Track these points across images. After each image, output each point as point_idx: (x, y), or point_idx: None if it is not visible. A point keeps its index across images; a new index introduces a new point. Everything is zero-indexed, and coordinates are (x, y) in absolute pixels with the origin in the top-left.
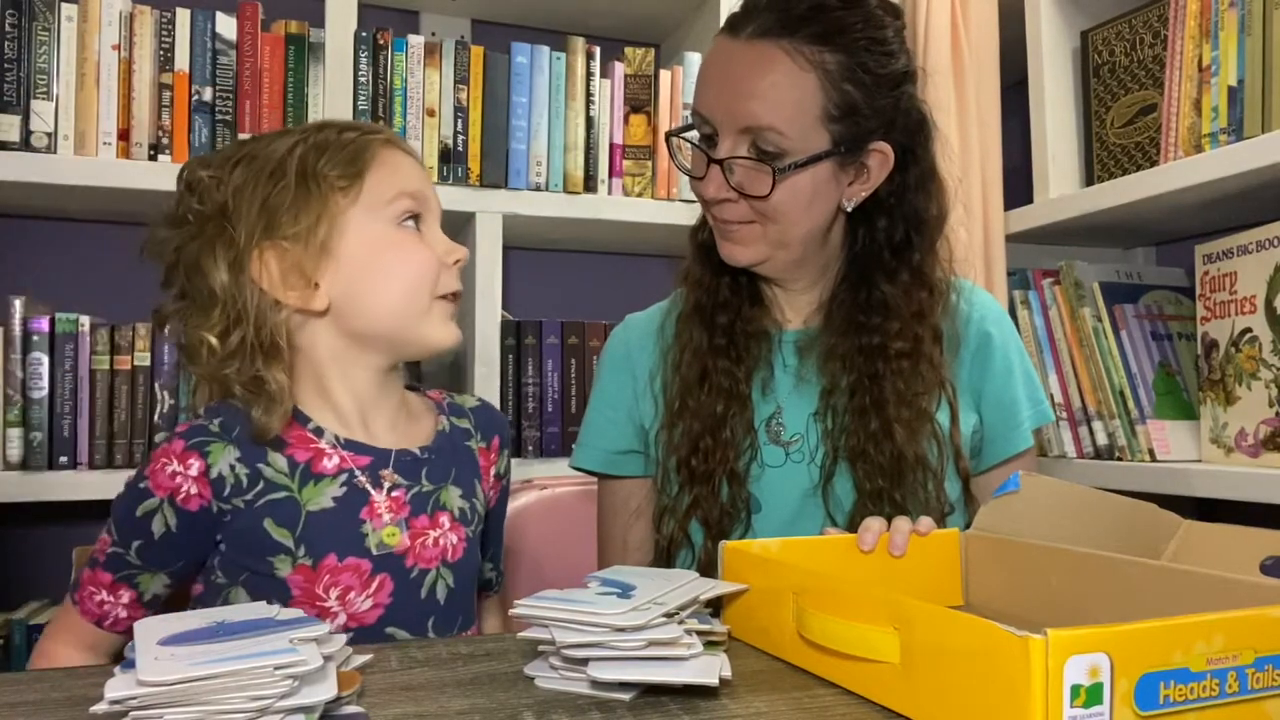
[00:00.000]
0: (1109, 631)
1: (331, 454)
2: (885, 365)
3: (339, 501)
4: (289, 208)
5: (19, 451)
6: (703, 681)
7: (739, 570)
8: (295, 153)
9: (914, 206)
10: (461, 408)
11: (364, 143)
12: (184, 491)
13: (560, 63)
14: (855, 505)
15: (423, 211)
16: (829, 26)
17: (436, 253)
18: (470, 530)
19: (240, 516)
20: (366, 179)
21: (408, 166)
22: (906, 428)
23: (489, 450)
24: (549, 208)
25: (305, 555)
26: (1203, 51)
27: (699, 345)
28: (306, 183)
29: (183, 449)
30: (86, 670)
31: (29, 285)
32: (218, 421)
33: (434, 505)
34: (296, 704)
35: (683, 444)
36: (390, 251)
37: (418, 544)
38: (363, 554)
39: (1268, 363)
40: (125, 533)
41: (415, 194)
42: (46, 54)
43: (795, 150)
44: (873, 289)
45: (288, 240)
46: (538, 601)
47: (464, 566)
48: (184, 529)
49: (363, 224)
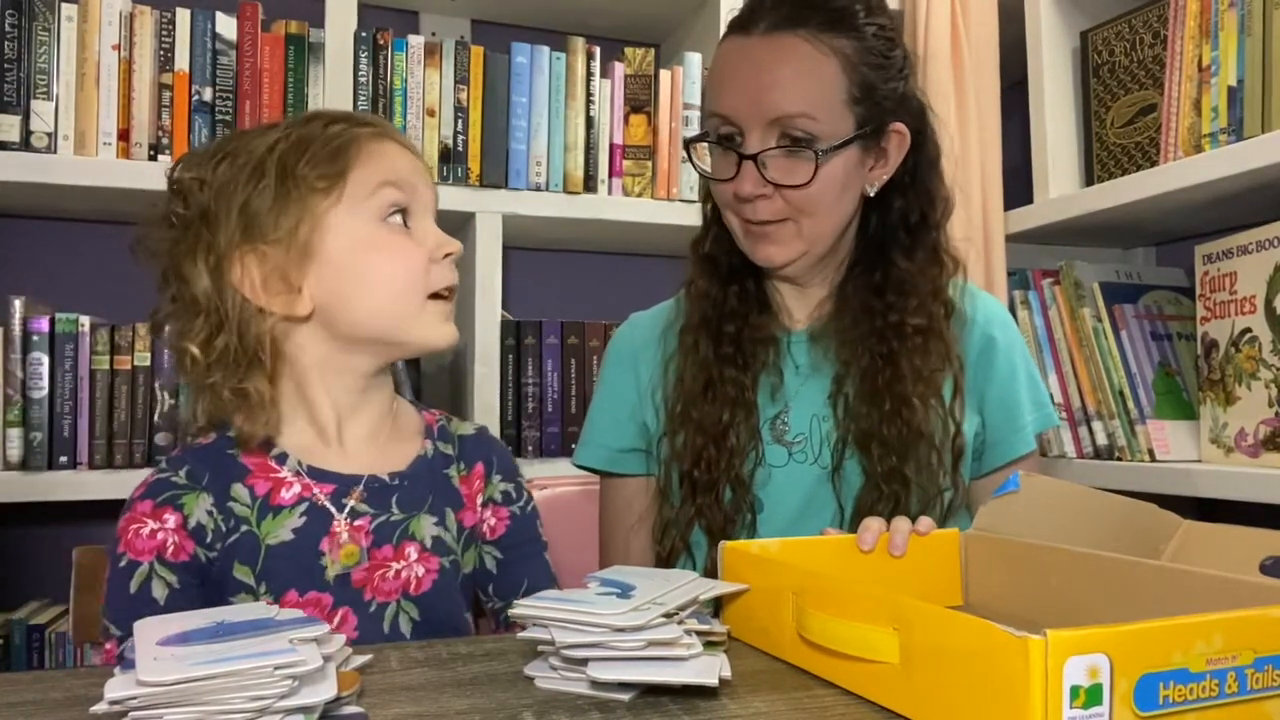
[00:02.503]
0: (1108, 632)
1: (292, 483)
2: (900, 343)
3: (298, 533)
4: (269, 211)
5: (19, 451)
6: (702, 682)
7: (739, 570)
8: (276, 151)
9: (927, 186)
10: (451, 434)
11: (349, 137)
12: (170, 545)
13: (560, 63)
14: (864, 489)
15: (410, 203)
16: (836, 14)
17: (426, 248)
18: (447, 561)
19: (218, 563)
20: (349, 176)
21: (394, 156)
22: (922, 402)
23: (470, 478)
24: (549, 208)
25: (266, 592)
26: (1202, 51)
27: (705, 356)
28: (286, 184)
29: (152, 507)
30: (87, 670)
31: (29, 285)
32: (184, 472)
33: (401, 535)
34: (296, 704)
35: (685, 455)
36: (374, 252)
37: (376, 576)
38: (323, 587)
39: (1267, 363)
40: (127, 618)
41: (400, 182)
42: (46, 54)
43: (827, 135)
44: (890, 267)
45: (268, 245)
46: (537, 601)
47: (433, 599)
48: (187, 584)
49: (345, 224)
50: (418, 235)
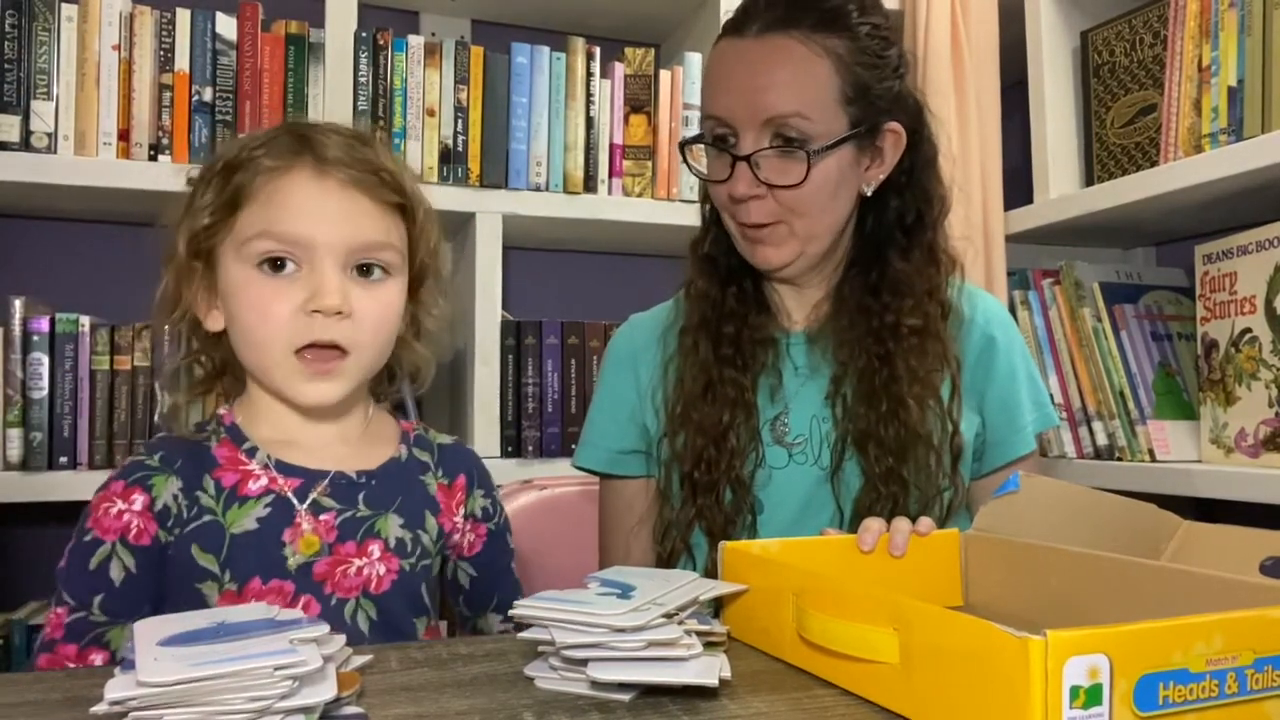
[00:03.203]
0: (1108, 632)
1: (260, 475)
2: (896, 344)
3: (262, 522)
4: (198, 229)
5: (19, 451)
6: (702, 682)
7: (739, 571)
8: (215, 167)
9: (924, 185)
10: (429, 443)
11: (252, 171)
12: (134, 528)
13: (560, 63)
14: (863, 490)
15: (296, 255)
16: (830, 14)
17: (293, 302)
18: (409, 564)
19: (175, 546)
20: (239, 214)
21: (294, 198)
22: (918, 403)
23: (452, 488)
24: (549, 208)
25: (230, 580)
26: (1203, 52)
27: (705, 357)
28: (201, 208)
29: (123, 488)
30: (87, 671)
31: (29, 285)
32: (158, 456)
33: (366, 532)
34: (296, 704)
35: (686, 456)
36: (241, 297)
37: (338, 571)
38: (285, 575)
39: (1267, 363)
40: (82, 592)
41: (284, 235)
42: (46, 54)
43: (820, 135)
44: (886, 267)
45: (198, 259)
46: (537, 602)
47: (393, 599)
48: (144, 568)
49: (230, 263)
50: (300, 283)
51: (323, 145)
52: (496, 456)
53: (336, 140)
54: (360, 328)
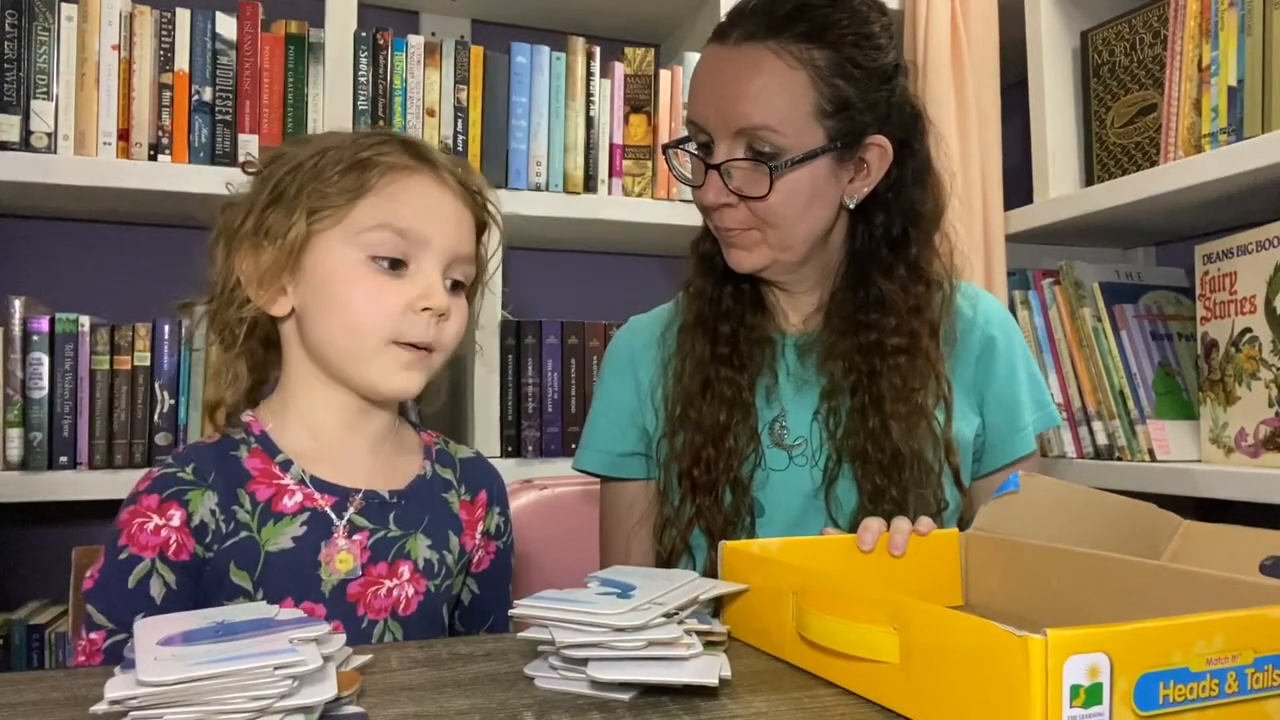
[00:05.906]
0: (1108, 631)
1: (295, 491)
2: (882, 362)
3: (298, 542)
4: (279, 211)
5: (19, 451)
6: (702, 682)
7: (739, 570)
8: (328, 155)
9: (911, 201)
10: (451, 457)
11: (378, 165)
12: (173, 544)
13: (560, 63)
14: (856, 506)
15: (408, 252)
16: (815, 25)
17: (405, 297)
18: (435, 584)
19: (213, 563)
20: (357, 204)
21: (417, 199)
22: (903, 423)
23: (474, 505)
24: (549, 208)
25: (263, 599)
26: (1203, 51)
27: (701, 356)
28: (301, 193)
29: (158, 502)
30: (86, 670)
31: (29, 285)
32: (190, 468)
33: (396, 553)
34: (296, 704)
35: (685, 455)
36: (346, 283)
37: (369, 592)
38: (318, 598)
39: (1267, 363)
40: (121, 612)
41: (404, 230)
42: (46, 54)
43: (791, 148)
44: (870, 286)
45: (269, 240)
46: (537, 601)
47: (417, 621)
48: (183, 584)
49: (334, 248)
50: (409, 280)
51: (437, 156)
52: (496, 456)
53: (443, 155)
54: (447, 331)
